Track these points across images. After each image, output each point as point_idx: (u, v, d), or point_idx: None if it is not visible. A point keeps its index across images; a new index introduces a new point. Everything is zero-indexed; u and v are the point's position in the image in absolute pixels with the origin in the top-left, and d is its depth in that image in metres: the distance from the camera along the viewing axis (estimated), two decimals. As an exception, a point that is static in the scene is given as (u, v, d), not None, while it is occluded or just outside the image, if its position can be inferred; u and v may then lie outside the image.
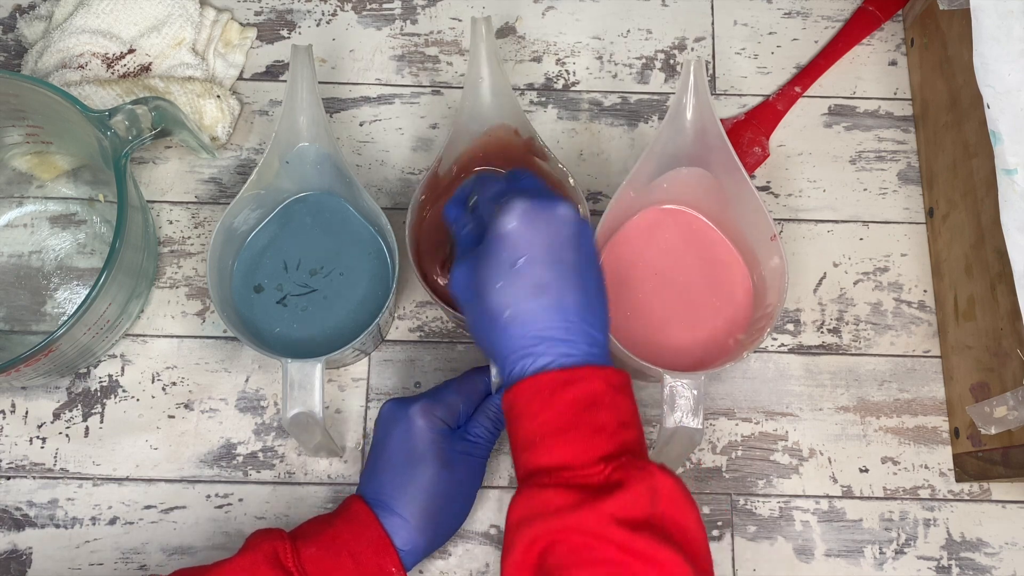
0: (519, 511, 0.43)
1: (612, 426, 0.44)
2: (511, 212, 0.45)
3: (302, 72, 0.57)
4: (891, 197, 0.67)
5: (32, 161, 0.65)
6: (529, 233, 0.45)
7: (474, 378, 0.56)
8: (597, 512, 0.41)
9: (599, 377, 0.45)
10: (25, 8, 0.70)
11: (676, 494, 0.42)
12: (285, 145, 0.58)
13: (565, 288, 0.45)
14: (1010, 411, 0.53)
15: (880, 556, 0.60)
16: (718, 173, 0.58)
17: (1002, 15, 0.54)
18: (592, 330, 0.46)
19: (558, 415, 0.44)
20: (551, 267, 0.45)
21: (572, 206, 0.47)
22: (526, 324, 0.45)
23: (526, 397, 0.45)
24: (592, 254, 0.48)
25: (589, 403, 0.44)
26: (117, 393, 0.62)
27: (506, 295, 0.45)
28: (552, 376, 0.44)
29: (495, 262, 0.45)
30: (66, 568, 0.59)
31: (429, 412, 0.54)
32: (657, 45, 0.71)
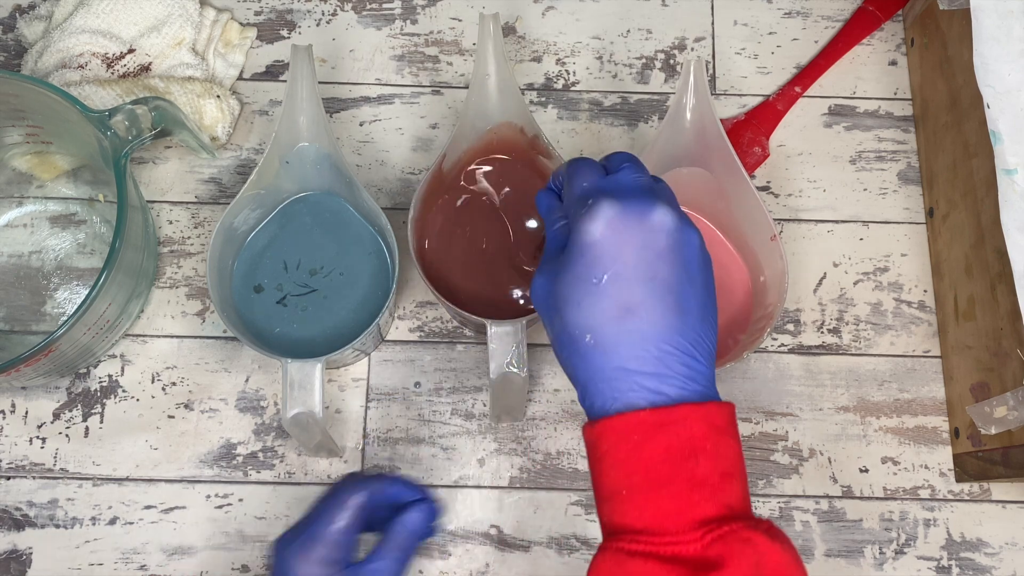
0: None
1: (714, 480, 0.38)
2: (596, 218, 0.40)
3: (302, 72, 0.57)
4: (891, 197, 0.67)
5: (32, 161, 0.65)
6: (616, 244, 0.39)
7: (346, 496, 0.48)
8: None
9: (698, 418, 0.38)
10: (25, 8, 0.70)
11: (784, 569, 0.37)
12: (285, 145, 0.58)
13: (657, 310, 0.39)
14: (1010, 411, 0.53)
15: (880, 556, 0.60)
16: (718, 173, 0.58)
17: (1002, 15, 0.54)
18: (691, 359, 0.40)
19: (649, 466, 0.38)
20: (642, 285, 0.39)
21: (672, 211, 0.41)
22: (610, 353, 0.39)
23: (611, 441, 0.39)
24: (696, 268, 0.41)
25: (687, 452, 0.38)
26: (117, 393, 0.62)
27: (588, 316, 0.39)
28: (642, 417, 0.38)
29: (576, 276, 0.40)
30: (66, 568, 0.59)
31: (305, 554, 0.46)
32: (657, 45, 0.71)
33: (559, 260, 0.41)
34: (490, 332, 0.53)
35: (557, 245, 0.43)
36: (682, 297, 0.40)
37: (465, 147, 0.60)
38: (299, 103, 0.57)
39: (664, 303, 0.39)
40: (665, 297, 0.39)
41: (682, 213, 0.42)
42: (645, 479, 0.38)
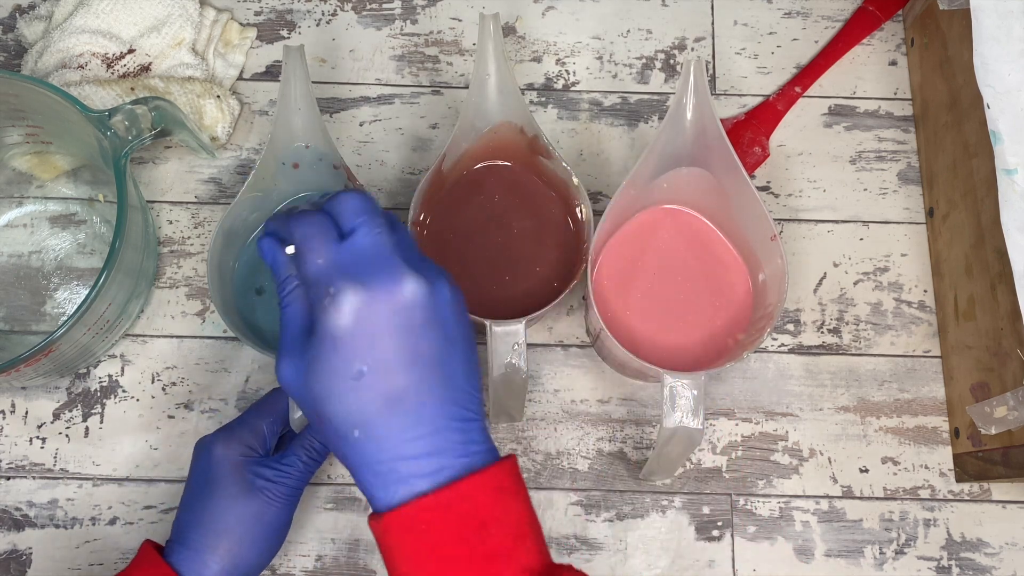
0: None
1: (507, 546, 0.37)
2: (342, 311, 0.36)
3: (295, 73, 0.57)
4: (891, 197, 0.67)
5: (32, 161, 0.65)
6: (370, 334, 0.36)
7: (278, 399, 0.53)
8: None
9: (481, 486, 0.37)
10: (25, 8, 0.70)
11: None
12: (281, 146, 0.58)
13: (425, 390, 0.37)
14: (1010, 411, 0.53)
15: (880, 556, 0.60)
16: (718, 173, 0.58)
17: (1002, 15, 0.54)
18: (466, 420, 0.38)
19: (441, 551, 0.36)
20: (405, 370, 0.37)
21: (419, 278, 0.37)
22: (383, 447, 0.37)
23: (398, 532, 0.37)
24: (453, 326, 0.38)
25: (475, 526, 0.36)
26: (117, 393, 0.62)
27: (353, 412, 0.37)
28: (426, 503, 0.36)
29: (332, 371, 0.37)
30: (66, 568, 0.59)
31: (227, 439, 0.51)
32: (657, 45, 0.71)
33: (308, 348, 0.38)
34: (490, 332, 0.53)
35: (297, 319, 0.39)
36: (447, 366, 0.38)
37: (465, 147, 0.60)
38: (293, 103, 0.57)
39: (431, 380, 0.37)
40: (431, 374, 0.37)
41: (428, 266, 0.39)
42: (439, 566, 0.36)
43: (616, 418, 0.62)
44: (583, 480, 0.61)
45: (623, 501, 0.61)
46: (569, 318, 0.64)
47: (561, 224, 0.61)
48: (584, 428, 0.62)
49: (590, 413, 0.62)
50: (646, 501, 0.61)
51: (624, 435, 0.62)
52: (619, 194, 0.56)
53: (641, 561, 0.60)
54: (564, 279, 0.59)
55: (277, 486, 0.51)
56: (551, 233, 0.61)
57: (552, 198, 0.62)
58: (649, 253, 0.61)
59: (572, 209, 0.61)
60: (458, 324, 0.39)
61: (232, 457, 0.51)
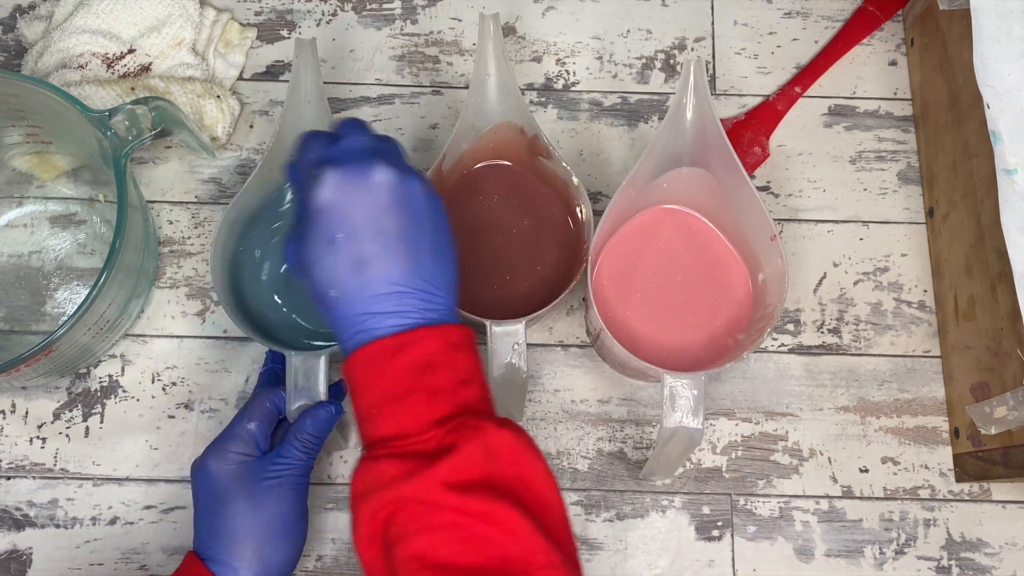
0: (358, 484, 0.42)
1: (450, 386, 0.43)
2: (321, 185, 0.44)
3: (306, 65, 0.57)
4: (891, 197, 0.67)
5: (32, 161, 0.65)
6: (343, 205, 0.43)
7: (261, 400, 0.55)
8: (428, 479, 0.40)
9: (435, 337, 0.43)
10: (25, 8, 0.70)
11: (514, 448, 0.42)
12: (289, 138, 0.58)
13: (390, 258, 0.43)
14: (1010, 411, 0.53)
15: (880, 556, 0.60)
16: (718, 173, 0.58)
17: (1002, 15, 0.54)
18: (429, 294, 0.44)
19: (393, 383, 0.43)
20: (372, 239, 0.43)
21: (391, 166, 0.44)
22: (354, 302, 0.43)
23: (361, 369, 0.43)
24: (422, 214, 0.45)
25: (424, 366, 0.43)
26: (117, 393, 0.62)
27: (329, 274, 0.44)
28: (384, 343, 0.43)
29: (314, 239, 0.44)
30: (66, 568, 0.59)
31: (219, 452, 0.53)
32: (657, 45, 0.71)
33: (300, 224, 0.45)
34: (490, 332, 0.53)
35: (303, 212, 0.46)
36: (412, 243, 0.44)
37: (465, 147, 0.60)
38: (303, 96, 0.57)
39: (394, 251, 0.44)
40: (395, 246, 0.44)
41: (404, 167, 0.45)
42: (391, 395, 0.43)
43: (616, 418, 0.62)
44: (583, 480, 0.61)
45: (623, 501, 0.61)
46: (569, 318, 0.64)
47: (561, 224, 0.61)
48: (584, 428, 0.62)
49: (590, 413, 0.62)
50: (646, 501, 0.61)
51: (624, 435, 0.62)
52: (619, 194, 0.56)
53: (641, 561, 0.60)
54: (564, 279, 0.59)
55: (281, 480, 0.52)
56: (551, 233, 0.61)
57: (552, 198, 0.62)
58: (649, 253, 0.61)
59: (572, 209, 0.61)
60: (428, 214, 0.45)
61: (228, 467, 0.52)
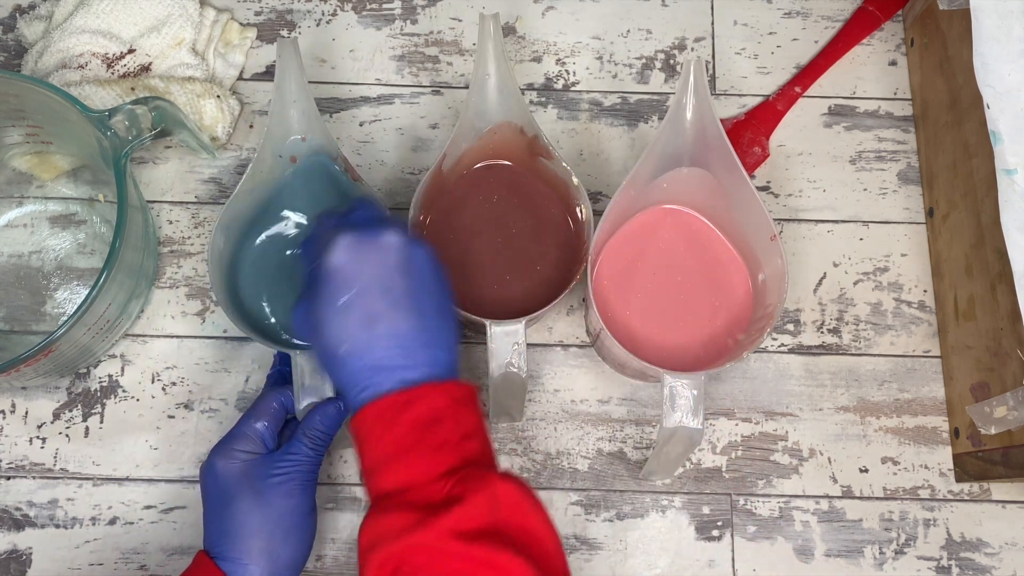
0: (366, 536, 0.43)
1: (454, 440, 0.44)
2: (336, 247, 0.46)
3: (289, 66, 0.57)
4: (891, 197, 0.67)
5: (32, 161, 0.65)
6: (354, 266, 0.46)
7: (268, 399, 0.55)
8: (435, 528, 0.41)
9: (439, 392, 0.45)
10: (25, 8, 0.70)
11: (517, 499, 0.43)
12: (278, 139, 0.58)
13: (398, 315, 0.46)
14: (1010, 411, 0.53)
15: (880, 556, 0.60)
16: (718, 173, 0.58)
17: (1002, 15, 0.54)
18: (432, 350, 0.46)
19: (399, 437, 0.44)
20: (381, 297, 0.46)
21: (399, 232, 0.47)
22: (362, 356, 0.45)
23: (368, 423, 0.45)
24: (427, 277, 0.48)
25: (430, 420, 0.44)
26: (117, 393, 0.62)
27: (340, 330, 0.46)
28: (392, 399, 0.45)
29: (326, 298, 0.46)
30: (66, 568, 0.59)
31: (226, 451, 0.53)
32: (657, 45, 0.71)
33: (311, 288, 0.48)
34: (490, 332, 0.53)
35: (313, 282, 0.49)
36: (418, 301, 0.47)
37: (465, 147, 0.60)
38: (288, 96, 0.57)
39: (402, 308, 0.46)
40: (402, 303, 0.46)
41: (411, 234, 0.48)
42: (397, 448, 0.44)
43: (616, 418, 0.62)
44: (583, 480, 0.61)
45: (623, 501, 0.61)
46: (569, 318, 0.64)
47: (561, 224, 0.61)
48: (584, 428, 0.62)
49: (590, 413, 0.62)
50: (646, 501, 0.61)
51: (624, 435, 0.62)
52: (619, 194, 0.56)
53: (641, 561, 0.60)
54: (564, 279, 0.59)
55: (288, 477, 0.53)
56: (551, 233, 0.61)
57: (552, 198, 0.62)
58: (649, 253, 0.61)
59: (572, 209, 0.61)
60: (432, 277, 0.48)
61: (235, 467, 0.52)
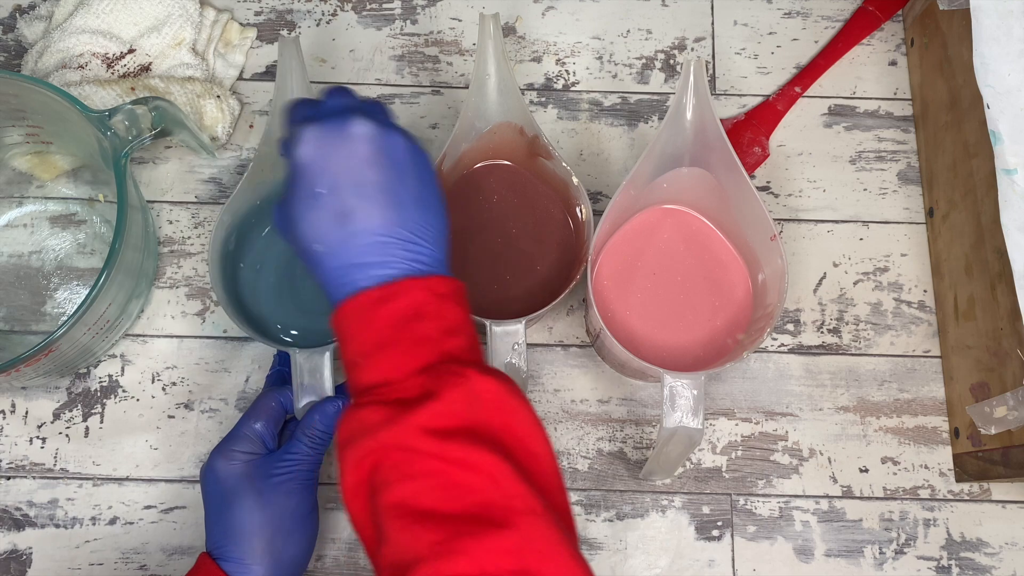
0: (343, 432, 0.42)
1: (435, 335, 0.43)
2: (302, 142, 0.44)
3: (291, 63, 0.57)
4: (891, 197, 0.67)
5: (32, 161, 0.65)
6: (323, 160, 0.44)
7: (266, 399, 0.55)
8: (407, 425, 0.40)
9: (420, 287, 0.43)
10: (25, 8, 0.70)
11: (499, 396, 0.42)
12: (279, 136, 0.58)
13: (372, 209, 0.43)
14: (1010, 411, 0.53)
15: (880, 556, 0.60)
16: (718, 173, 0.58)
17: (1002, 15, 0.54)
18: (415, 244, 0.44)
19: (378, 332, 0.43)
20: (353, 191, 0.43)
21: (371, 120, 0.44)
22: (338, 255, 0.44)
23: (348, 319, 0.44)
24: (405, 166, 0.45)
25: (411, 315, 0.43)
26: (117, 393, 0.62)
27: (314, 229, 0.44)
28: (369, 294, 0.43)
29: (297, 196, 0.44)
30: (66, 568, 0.59)
31: (226, 452, 0.53)
32: (657, 45, 0.71)
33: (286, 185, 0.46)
34: (490, 332, 0.53)
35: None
36: (395, 194, 0.44)
37: (465, 147, 0.60)
38: (289, 94, 0.58)
39: (377, 202, 0.44)
40: (376, 197, 0.44)
41: (386, 121, 0.45)
42: (376, 344, 0.43)
43: (616, 418, 0.62)
44: (583, 480, 0.61)
45: (623, 501, 0.61)
46: (569, 318, 0.64)
47: (561, 224, 0.61)
48: (584, 428, 0.62)
49: (590, 413, 0.62)
50: (646, 501, 0.61)
51: (624, 435, 0.62)
52: (619, 194, 0.56)
53: (641, 561, 0.60)
54: (564, 279, 0.59)
55: (289, 476, 0.53)
56: (551, 233, 0.61)
57: (552, 198, 0.62)
58: (649, 253, 0.61)
59: (572, 209, 0.61)
60: (411, 166, 0.45)
61: (236, 467, 0.52)
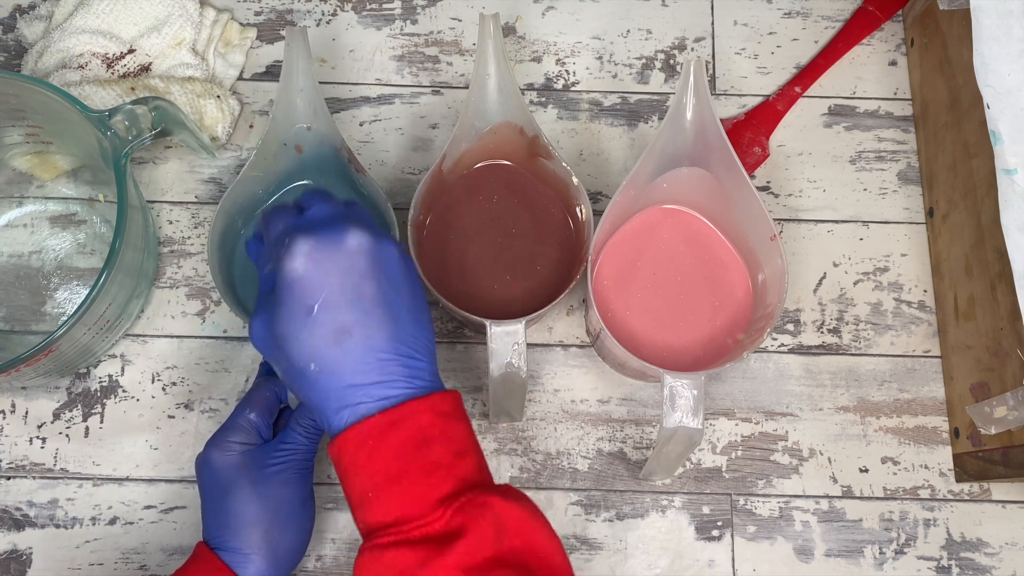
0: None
1: (447, 460, 0.41)
2: (294, 255, 0.42)
3: (298, 54, 0.57)
4: (891, 197, 0.67)
5: (32, 161, 0.65)
6: (318, 275, 0.42)
7: (261, 389, 0.55)
8: (442, 567, 0.39)
9: (424, 409, 0.42)
10: (25, 8, 0.70)
11: (521, 520, 0.41)
12: (283, 127, 0.58)
13: (371, 326, 0.42)
14: (1010, 411, 0.53)
15: (880, 556, 0.60)
16: (718, 173, 0.58)
17: (1002, 15, 0.54)
18: (411, 359, 0.43)
19: (387, 464, 0.41)
20: (350, 308, 0.42)
21: (364, 231, 0.43)
22: (336, 375, 0.42)
23: (350, 452, 0.42)
24: (399, 278, 0.44)
25: (418, 441, 0.41)
26: (117, 393, 0.62)
27: (308, 347, 0.42)
28: (373, 422, 0.41)
29: (289, 312, 0.42)
30: (66, 568, 0.59)
31: (221, 442, 0.52)
32: (657, 45, 0.71)
33: (271, 301, 0.43)
34: (490, 332, 0.53)
35: (268, 283, 0.45)
36: (391, 308, 0.43)
37: (465, 147, 0.60)
38: (295, 84, 0.58)
39: (375, 318, 0.42)
40: (374, 312, 0.42)
41: (377, 230, 0.44)
42: (385, 477, 0.41)
43: (616, 418, 0.62)
44: (583, 480, 0.61)
45: (623, 501, 0.61)
46: (569, 318, 0.64)
47: (561, 224, 0.61)
48: (584, 428, 0.62)
49: (590, 413, 0.62)
50: (646, 501, 0.61)
51: (624, 435, 0.62)
52: (619, 194, 0.56)
53: (641, 561, 0.60)
54: (564, 279, 0.59)
55: (284, 466, 0.52)
56: (551, 233, 0.61)
57: (552, 198, 0.62)
58: (649, 253, 0.61)
59: (572, 209, 0.61)
60: (404, 278, 0.44)
61: (231, 458, 0.52)
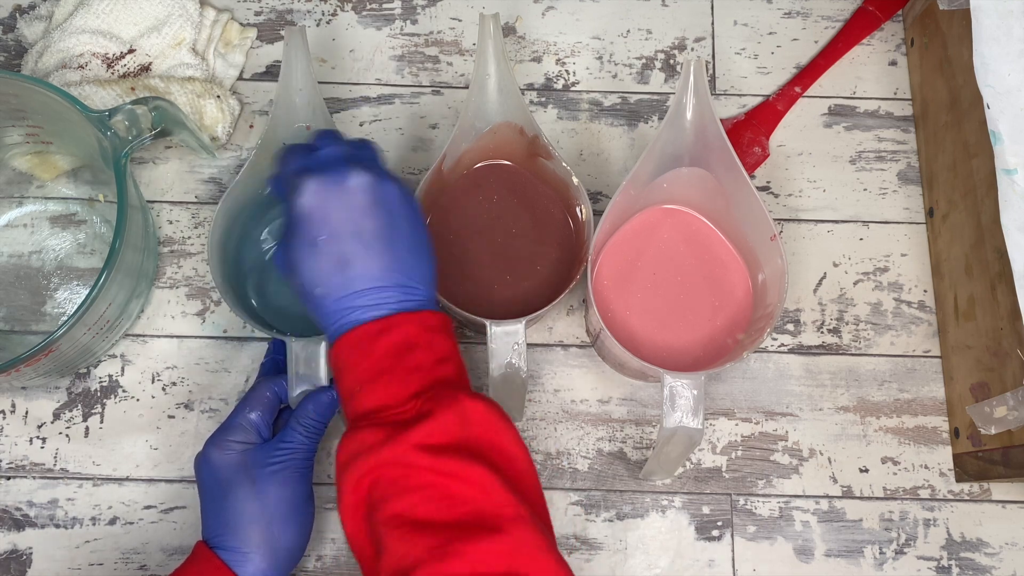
0: (342, 455, 0.45)
1: (428, 364, 0.46)
2: (302, 193, 0.47)
3: (296, 53, 0.57)
4: (891, 197, 0.67)
5: (32, 161, 0.65)
6: (322, 210, 0.47)
7: (261, 389, 0.56)
8: (403, 442, 0.43)
9: (413, 321, 0.47)
10: (25, 8, 0.70)
11: (488, 417, 0.45)
12: (282, 127, 0.58)
13: (369, 256, 0.47)
14: (1010, 411, 0.53)
15: (880, 556, 0.60)
16: (718, 173, 0.58)
17: (1002, 15, 0.54)
18: (407, 285, 0.47)
19: (375, 362, 0.46)
20: (351, 240, 0.47)
21: (366, 171, 0.48)
22: (337, 297, 0.47)
23: (346, 352, 0.47)
24: (398, 214, 0.48)
25: (405, 347, 0.46)
26: (117, 393, 0.62)
27: (313, 273, 0.47)
28: (366, 328, 0.46)
29: (298, 243, 0.47)
30: (66, 568, 0.59)
31: (221, 441, 0.53)
32: (657, 45, 0.71)
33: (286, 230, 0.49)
34: (490, 332, 0.53)
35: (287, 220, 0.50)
36: (390, 241, 0.47)
37: (465, 147, 0.60)
38: (294, 84, 0.58)
39: (373, 249, 0.47)
40: (373, 245, 0.47)
41: (380, 170, 0.49)
42: (372, 374, 0.46)
43: (616, 418, 0.62)
44: (583, 480, 0.61)
45: (623, 501, 0.61)
46: (569, 318, 0.64)
47: (561, 224, 0.61)
48: (584, 428, 0.62)
49: (590, 413, 0.62)
50: (646, 501, 0.61)
51: (624, 435, 0.62)
52: (619, 194, 0.56)
53: (641, 561, 0.60)
54: (564, 279, 0.59)
55: (284, 465, 0.53)
56: (551, 233, 0.61)
57: (552, 198, 0.62)
58: (649, 253, 0.61)
59: (572, 209, 0.61)
60: (403, 214, 0.49)
61: (231, 457, 0.53)
